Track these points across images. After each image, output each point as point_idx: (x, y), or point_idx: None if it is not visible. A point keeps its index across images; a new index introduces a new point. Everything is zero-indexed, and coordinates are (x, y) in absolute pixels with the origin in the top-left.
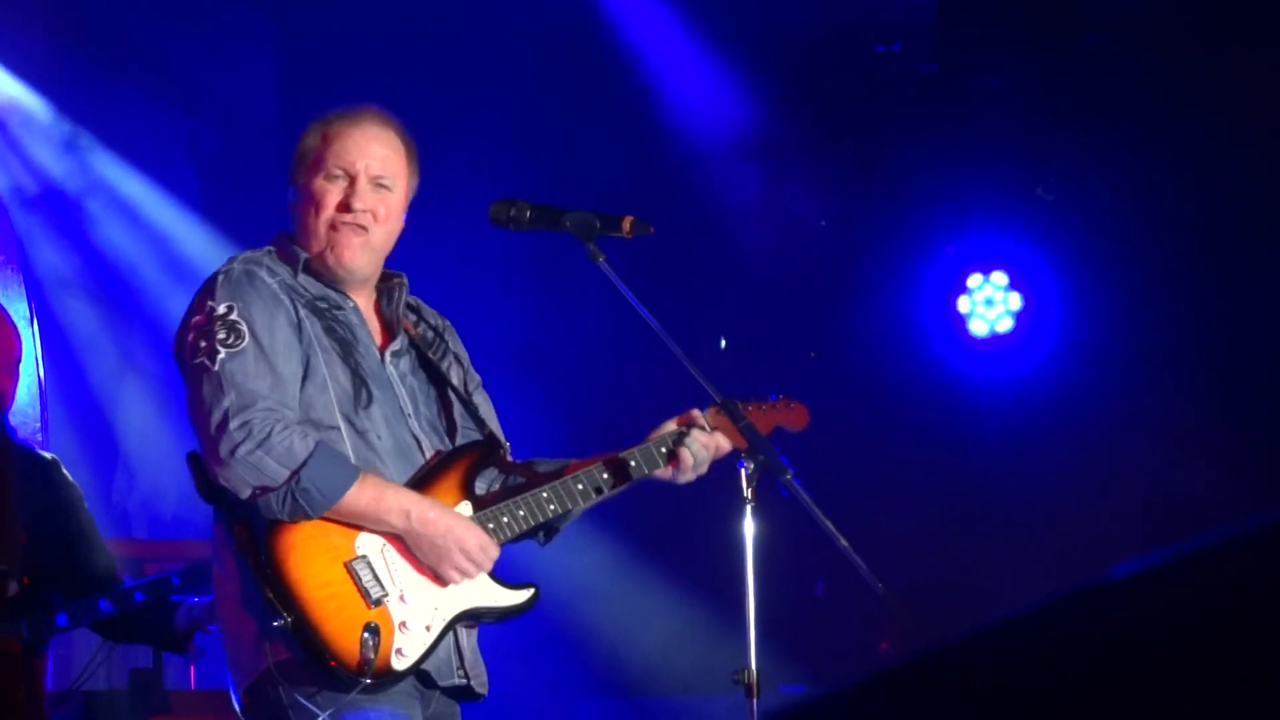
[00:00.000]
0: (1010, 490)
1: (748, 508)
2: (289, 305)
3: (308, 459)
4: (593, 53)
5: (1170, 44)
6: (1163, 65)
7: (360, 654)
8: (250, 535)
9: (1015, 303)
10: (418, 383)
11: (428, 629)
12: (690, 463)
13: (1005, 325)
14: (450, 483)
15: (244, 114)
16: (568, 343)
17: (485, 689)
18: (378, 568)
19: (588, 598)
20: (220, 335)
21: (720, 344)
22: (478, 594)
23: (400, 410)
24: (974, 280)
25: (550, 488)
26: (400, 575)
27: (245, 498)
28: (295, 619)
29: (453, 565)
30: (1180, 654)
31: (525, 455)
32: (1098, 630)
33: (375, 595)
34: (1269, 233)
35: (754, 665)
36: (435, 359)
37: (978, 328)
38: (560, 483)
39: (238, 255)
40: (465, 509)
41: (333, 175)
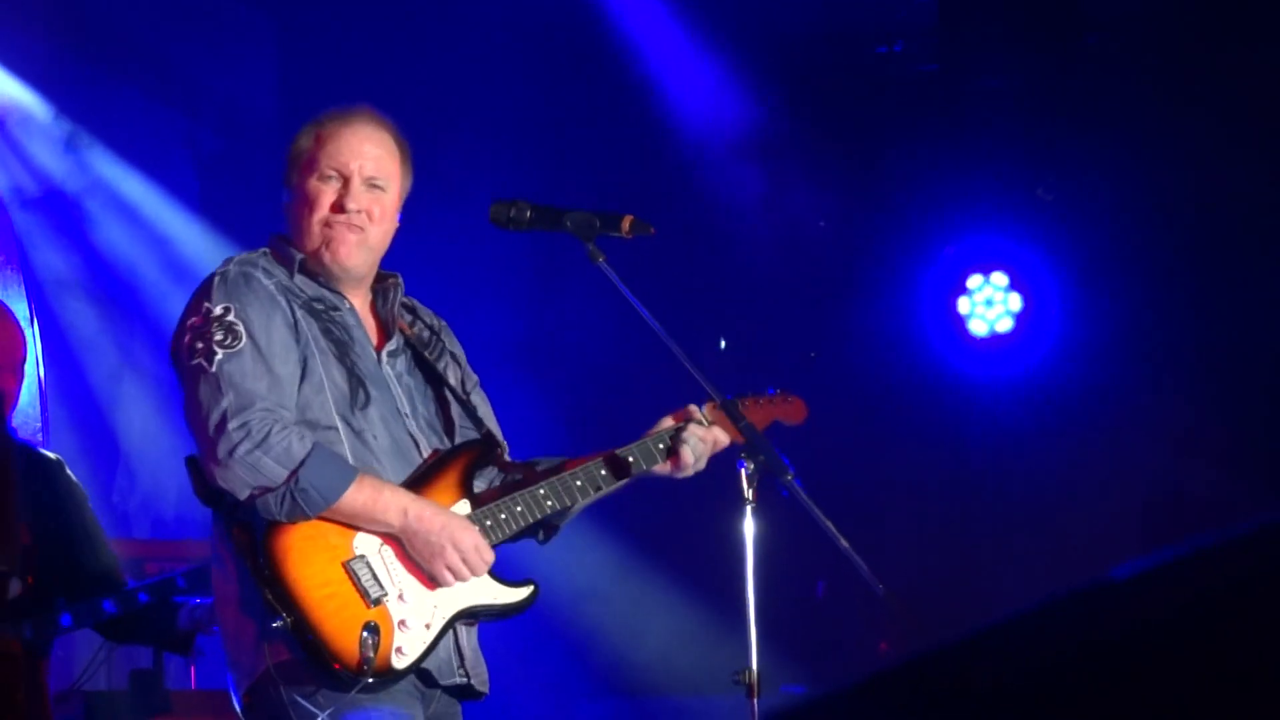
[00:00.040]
0: (1010, 490)
1: (748, 508)
2: (285, 306)
3: (305, 459)
4: (593, 53)
5: (1170, 44)
6: (1163, 65)
7: (360, 653)
8: (249, 537)
9: (1015, 303)
10: (414, 382)
11: (427, 627)
12: (688, 458)
13: (1005, 326)
14: (448, 481)
15: (244, 114)
16: (567, 341)
17: (486, 687)
18: (376, 567)
19: (589, 598)
20: (217, 336)
21: (720, 344)
22: (477, 592)
23: (397, 410)
24: (974, 281)
25: (548, 484)
26: (399, 574)
27: (244, 499)
28: (294, 619)
29: (446, 564)
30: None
31: (526, 454)
32: (1098, 630)
33: (374, 594)
34: (1269, 233)
35: (755, 665)
36: (432, 359)
37: (978, 328)
38: (558, 479)
39: (233, 257)
40: (463, 507)
41: (326, 176)
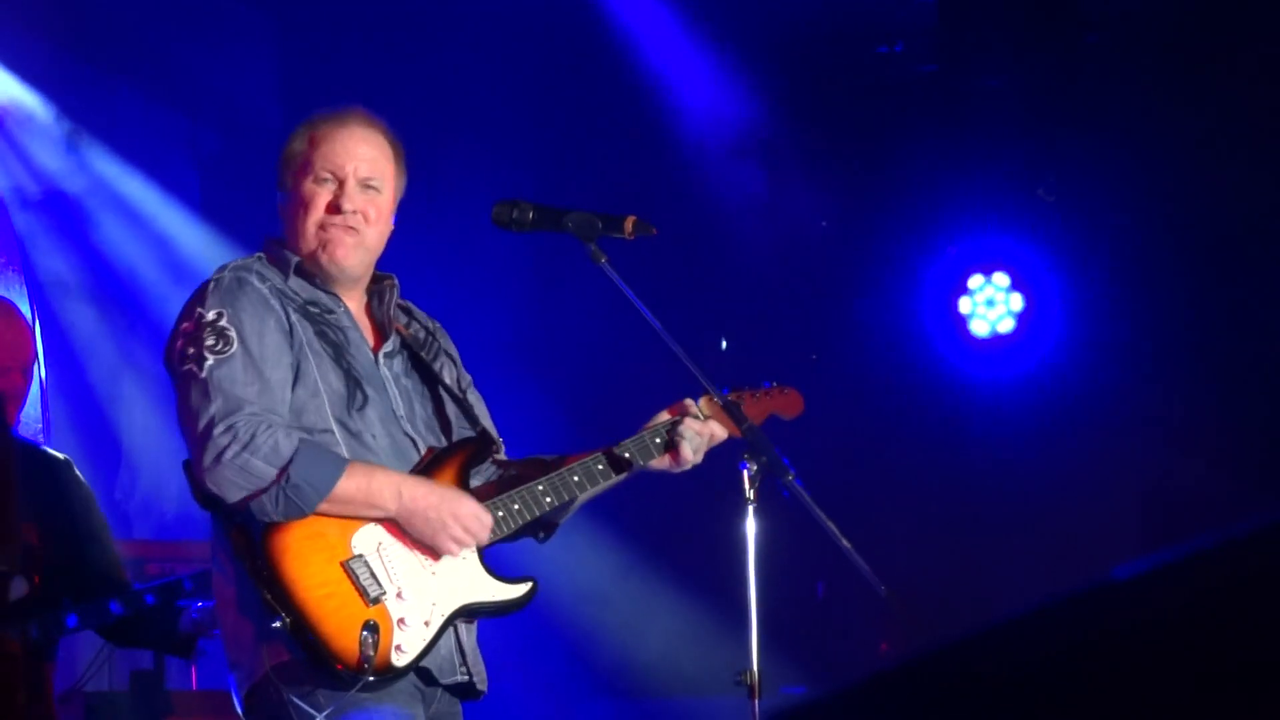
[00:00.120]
0: (1011, 491)
1: (750, 509)
2: (280, 310)
3: (294, 455)
4: (593, 53)
5: (1170, 44)
6: (1163, 65)
7: (360, 652)
8: (246, 538)
9: (1016, 303)
10: (412, 383)
11: (426, 625)
12: (686, 452)
13: (1006, 326)
14: (445, 479)
15: (244, 114)
16: (567, 340)
17: (485, 686)
18: (374, 566)
19: (590, 599)
20: (209, 342)
21: (721, 345)
22: (476, 589)
23: (394, 411)
24: (975, 281)
25: (546, 480)
26: (397, 573)
27: (236, 502)
28: (294, 620)
29: (450, 537)
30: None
31: (526, 451)
32: (1098, 630)
33: (373, 593)
34: (1269, 233)
35: (756, 666)
36: (428, 359)
37: (979, 328)
38: (556, 475)
39: (228, 263)
40: None
41: (321, 178)
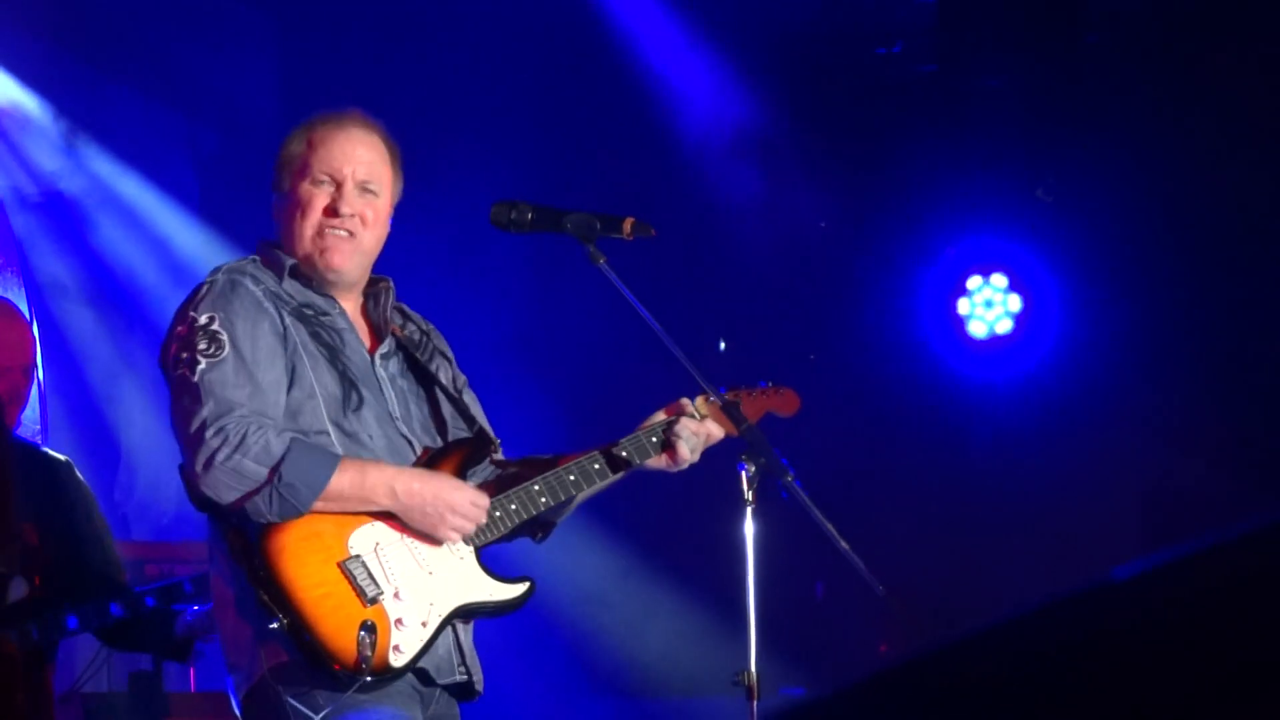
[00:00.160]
0: (1009, 491)
1: (748, 510)
2: (274, 313)
3: (285, 454)
4: (593, 53)
5: (1170, 44)
6: (1162, 65)
7: (357, 652)
8: (243, 540)
9: (1015, 304)
10: (407, 384)
11: (424, 625)
12: (683, 452)
13: (1004, 327)
14: None
15: (244, 114)
16: (567, 340)
17: (482, 686)
18: (372, 566)
19: (589, 600)
20: (201, 345)
21: (720, 346)
22: (473, 589)
23: (390, 412)
24: (973, 282)
25: (542, 479)
26: (395, 573)
27: (230, 504)
28: (291, 620)
29: (449, 528)
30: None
31: (524, 451)
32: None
33: (370, 593)
34: (1269, 233)
35: (754, 667)
36: (423, 360)
37: (977, 329)
38: (552, 474)
39: (221, 265)
40: None
41: (319, 180)
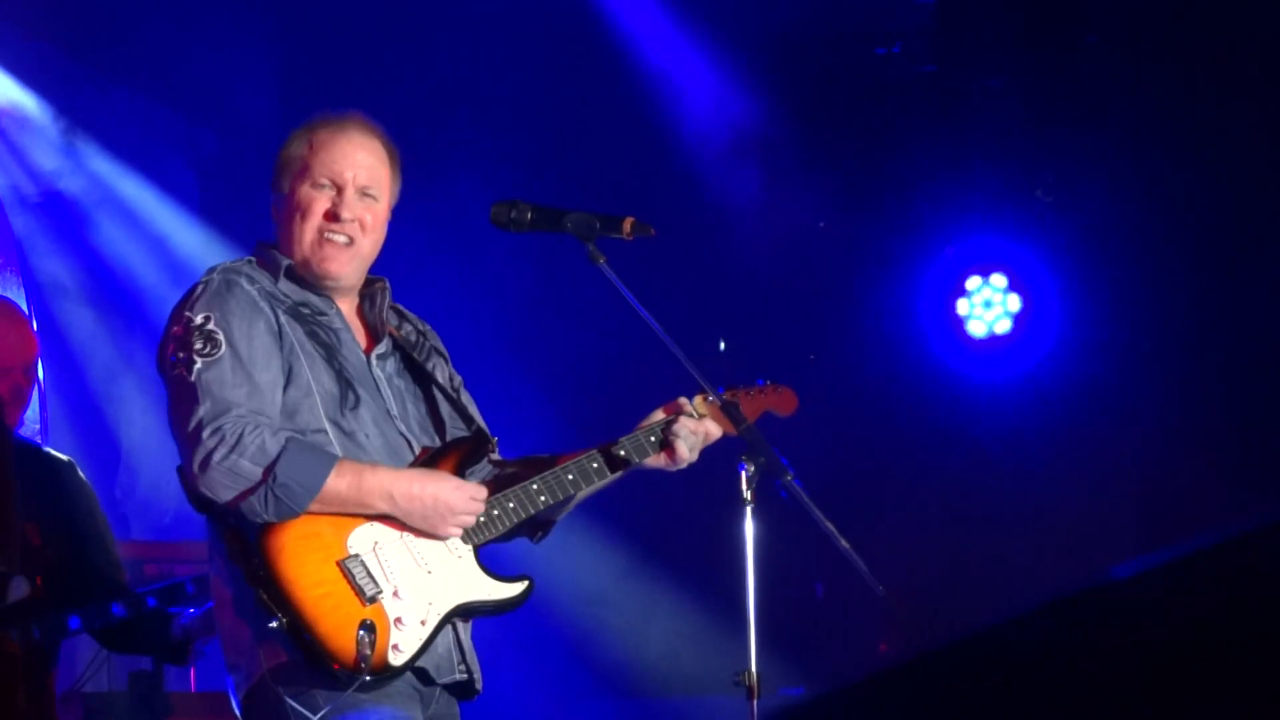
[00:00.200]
0: (1009, 491)
1: (748, 510)
2: (269, 312)
3: (280, 454)
4: (593, 53)
5: (1170, 44)
6: (1162, 65)
7: (357, 651)
8: (242, 541)
9: (1014, 304)
10: (404, 383)
11: (422, 624)
12: (681, 451)
13: (1004, 327)
14: None
15: (243, 114)
16: (566, 340)
17: (482, 685)
18: (371, 565)
19: (590, 600)
20: (197, 345)
21: (720, 346)
22: (472, 588)
23: (389, 411)
24: (973, 282)
25: (540, 479)
26: (394, 572)
27: (227, 504)
28: (290, 619)
29: (450, 525)
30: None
31: (523, 450)
32: (1098, 630)
33: (370, 592)
34: (1268, 233)
35: (754, 666)
36: (420, 360)
37: (976, 329)
38: (550, 474)
39: (217, 265)
40: None
41: (319, 184)
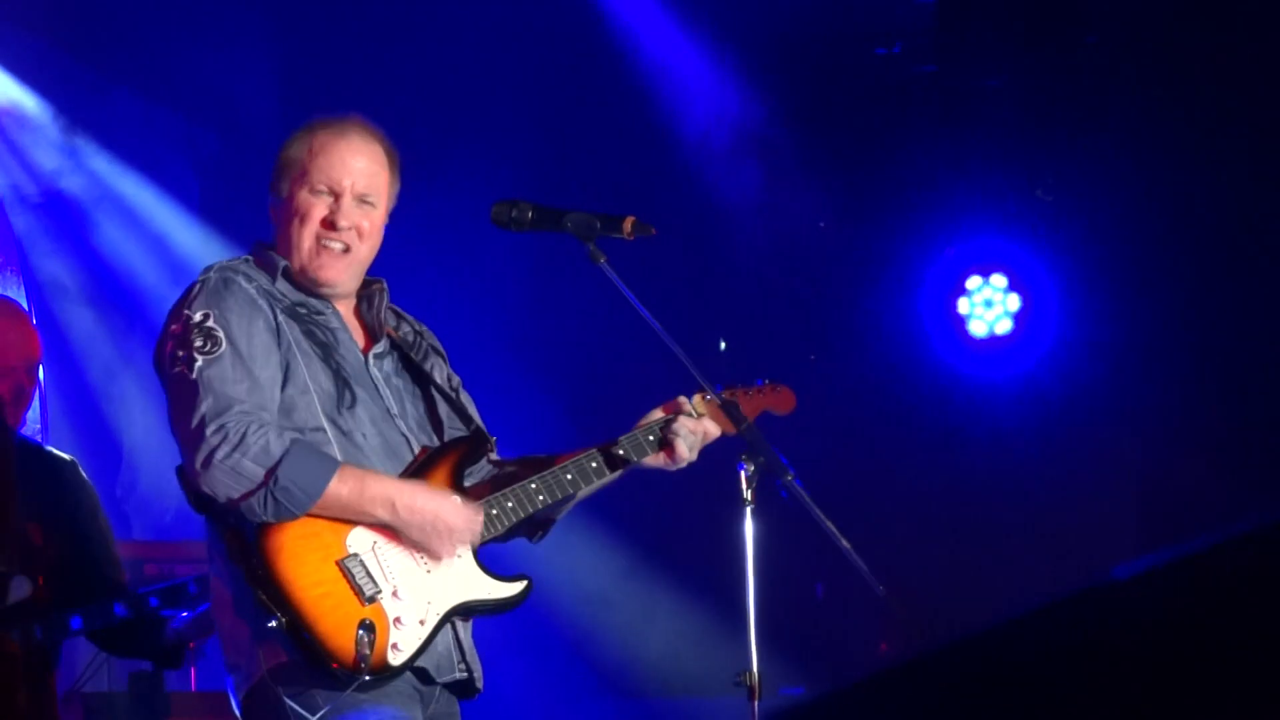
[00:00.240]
0: (1010, 491)
1: (748, 510)
2: (267, 310)
3: (283, 456)
4: (593, 53)
5: (1170, 44)
6: (1162, 65)
7: (356, 651)
8: (241, 541)
9: (1014, 304)
10: (403, 383)
11: (422, 623)
12: (680, 450)
13: (1004, 327)
14: (438, 478)
15: (243, 114)
16: (566, 339)
17: (482, 684)
18: (370, 565)
19: (590, 600)
20: (197, 343)
21: (720, 346)
22: (471, 587)
23: (386, 411)
24: (973, 282)
25: (539, 478)
26: (393, 571)
27: (227, 503)
28: (290, 619)
29: (446, 544)
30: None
31: (523, 450)
32: (1098, 630)
33: (369, 592)
34: (1268, 234)
35: (755, 667)
36: (418, 359)
37: (977, 329)
38: (549, 473)
39: (214, 264)
40: None
41: (318, 190)
